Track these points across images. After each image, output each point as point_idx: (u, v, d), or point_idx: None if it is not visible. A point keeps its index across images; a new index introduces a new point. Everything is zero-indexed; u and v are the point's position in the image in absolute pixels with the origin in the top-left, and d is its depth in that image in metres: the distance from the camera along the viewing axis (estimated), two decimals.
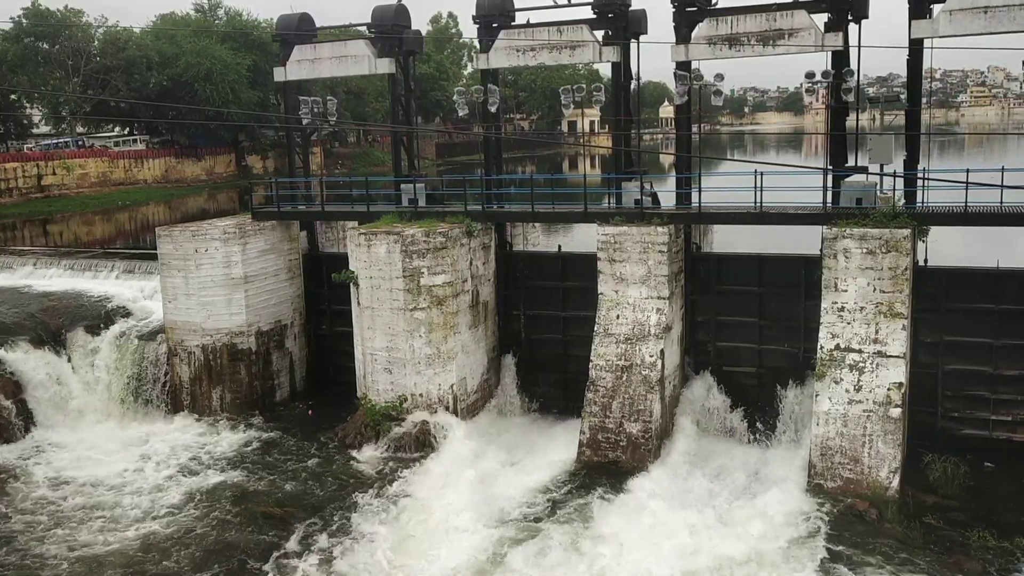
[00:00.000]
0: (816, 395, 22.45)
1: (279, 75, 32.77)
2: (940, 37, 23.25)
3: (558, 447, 25.25)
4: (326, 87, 65.00)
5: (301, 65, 32.07)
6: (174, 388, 29.49)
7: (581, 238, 30.38)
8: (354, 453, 25.35)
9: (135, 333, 30.27)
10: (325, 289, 30.76)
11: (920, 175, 23.61)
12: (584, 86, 29.43)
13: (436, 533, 20.82)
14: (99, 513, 22.55)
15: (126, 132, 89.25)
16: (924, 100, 25.85)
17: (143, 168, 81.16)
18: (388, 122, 33.67)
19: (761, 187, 24.09)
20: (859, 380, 22.10)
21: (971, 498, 21.10)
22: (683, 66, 26.00)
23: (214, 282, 28.85)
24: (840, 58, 24.55)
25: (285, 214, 30.75)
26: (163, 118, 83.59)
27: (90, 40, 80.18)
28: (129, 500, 23.24)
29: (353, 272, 26.74)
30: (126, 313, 31.23)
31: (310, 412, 29.35)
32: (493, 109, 29.29)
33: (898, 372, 21.97)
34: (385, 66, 30.85)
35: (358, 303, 26.91)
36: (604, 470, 23.76)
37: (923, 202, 23.91)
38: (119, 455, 26.18)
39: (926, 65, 24.82)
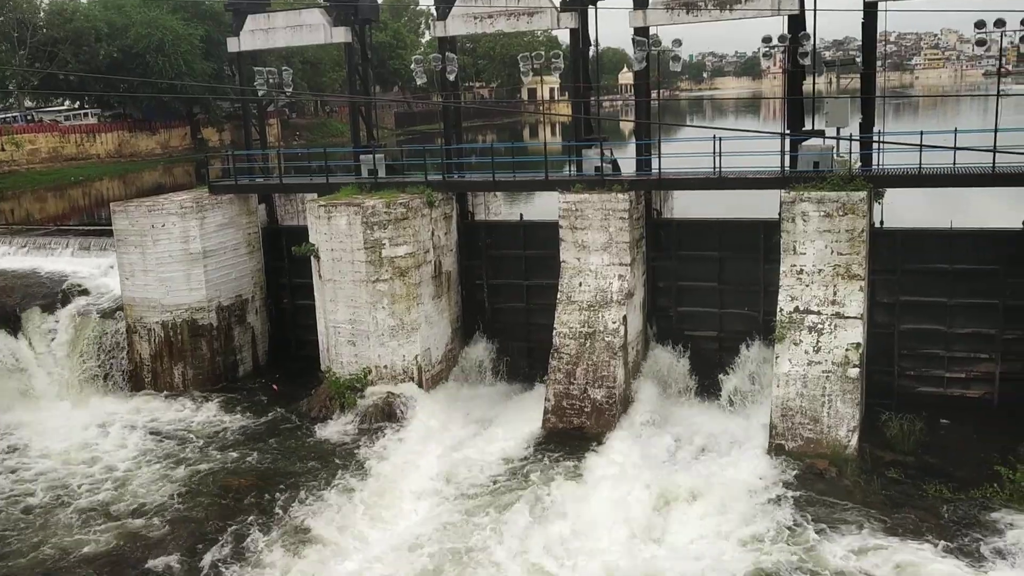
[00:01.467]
0: (776, 357, 22.79)
1: (232, 46, 32.20)
2: (894, 0, 23.43)
3: (523, 415, 25.40)
4: (281, 57, 64.03)
5: (255, 35, 31.53)
6: (135, 366, 29.17)
7: (543, 206, 30.39)
8: (319, 426, 25.30)
9: (93, 311, 29.84)
10: (286, 262, 30.51)
11: (875, 138, 23.91)
12: (543, 53, 29.27)
13: (402, 503, 20.96)
14: (60, 492, 22.34)
15: (77, 106, 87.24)
16: (879, 63, 26.07)
17: (95, 143, 79.48)
18: (345, 92, 33.28)
19: (720, 152, 24.21)
20: (818, 341, 22.45)
21: (927, 453, 21.60)
22: (641, 32, 25.95)
23: (172, 257, 28.48)
24: (796, 22, 24.65)
25: (243, 187, 30.36)
26: (115, 91, 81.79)
27: (35, 11, 78.01)
28: (90, 478, 23.02)
29: (314, 245, 26.53)
30: (83, 291, 30.74)
31: (275, 387, 29.19)
32: (451, 77, 29.07)
33: (856, 333, 22.35)
34: (341, 35, 30.44)
35: (319, 276, 26.74)
36: (569, 436, 23.98)
37: (879, 165, 24.23)
38: (80, 434, 25.88)
39: (880, 28, 25.04)
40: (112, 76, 74.52)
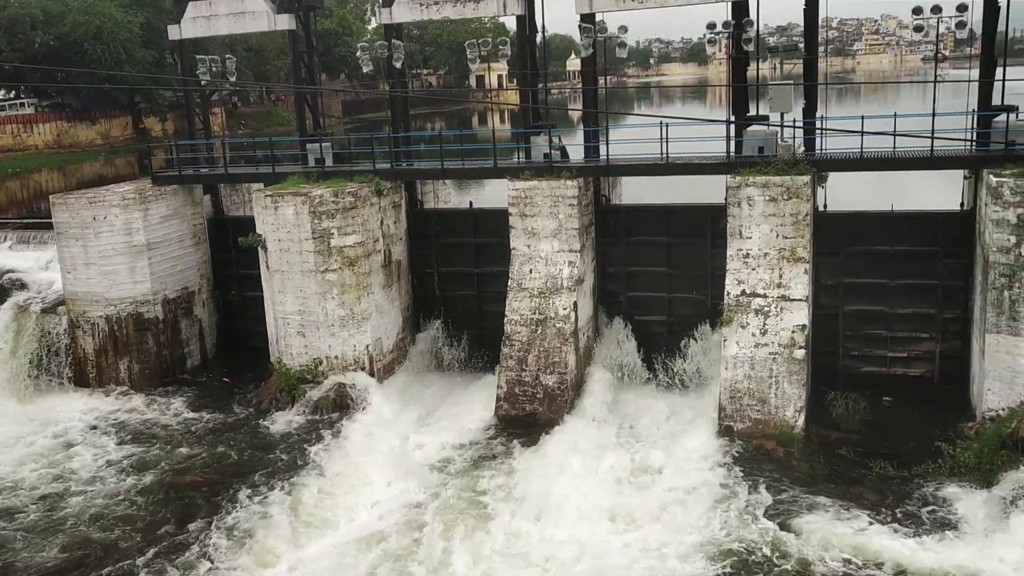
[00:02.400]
0: (724, 340, 23.12)
1: (173, 33, 31.55)
2: None
3: (476, 402, 25.46)
4: (225, 45, 62.93)
5: (196, 23, 30.93)
6: (78, 361, 28.58)
7: (492, 193, 30.38)
8: (270, 418, 25.10)
9: (33, 306, 29.16)
10: (232, 254, 30.13)
11: (818, 123, 24.30)
12: (490, 40, 29.22)
13: (355, 493, 20.87)
14: (2, 492, 21.84)
15: (12, 96, 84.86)
16: (821, 49, 26.48)
17: (33, 133, 77.41)
18: (291, 80, 32.88)
19: (667, 139, 24.42)
20: (764, 324, 22.81)
21: (871, 432, 22.10)
22: (587, 18, 26.01)
23: (115, 250, 27.93)
24: (740, 8, 24.90)
25: (187, 178, 29.87)
26: (52, 80, 79.69)
27: None
28: (35, 477, 22.58)
29: (260, 235, 26.22)
30: (22, 285, 30.10)
31: (226, 380, 28.85)
32: (398, 65, 28.86)
33: (801, 315, 22.76)
34: (285, 22, 30.01)
35: (267, 267, 26.44)
36: (521, 423, 24.09)
37: (822, 149, 24.62)
38: (22, 432, 25.33)
39: (822, 14, 25.45)
40: (49, 67, 72.61)
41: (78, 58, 73.28)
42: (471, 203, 29.47)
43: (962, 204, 24.47)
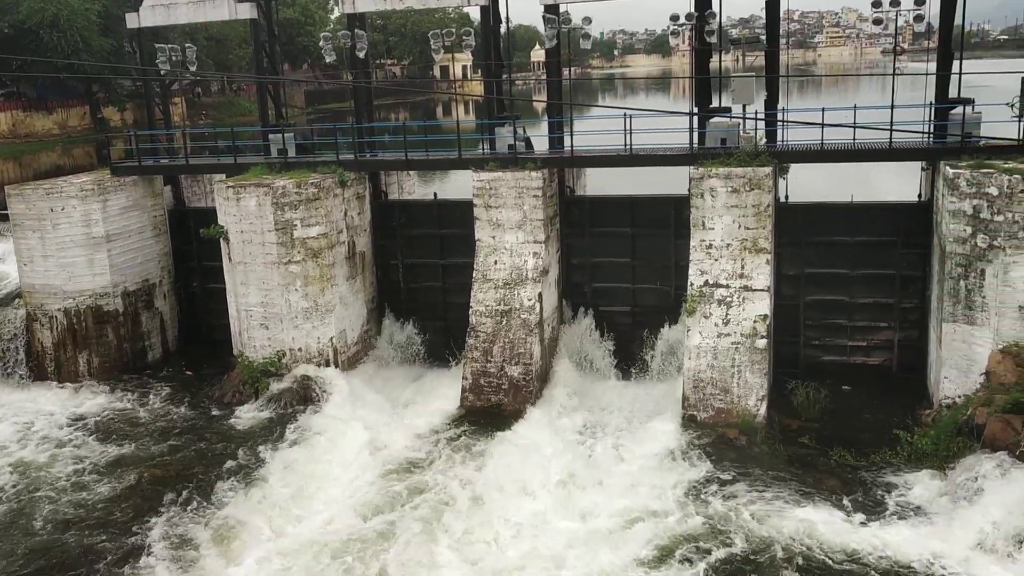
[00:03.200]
0: (687, 330, 23.31)
1: (132, 21, 31.05)
2: None
3: (441, 394, 25.46)
4: (185, 34, 62.04)
5: (155, 11, 30.44)
6: (36, 355, 28.13)
7: (457, 185, 30.31)
8: (233, 412, 24.87)
9: None
10: (194, 245, 29.81)
11: (780, 115, 24.55)
12: (454, 30, 29.12)
13: (321, 486, 20.77)
14: None
15: None
16: (783, 41, 26.71)
17: None
18: (252, 70, 32.53)
19: (630, 130, 24.54)
20: (727, 314, 23.04)
21: (831, 420, 22.43)
22: (551, 9, 26.01)
23: (74, 242, 27.52)
24: (703, 0, 25.03)
25: (147, 169, 29.48)
26: (7, 69, 78.03)
27: None
28: None
29: (222, 227, 25.95)
30: None
31: (189, 372, 28.56)
32: (361, 55, 28.67)
33: (763, 305, 23.01)
34: (246, 11, 29.64)
35: (229, 258, 26.19)
36: (487, 414, 24.12)
37: (783, 141, 24.89)
38: None
39: (784, 7, 25.68)
40: (4, 56, 71.09)
41: (34, 46, 71.85)
42: (435, 194, 29.39)
43: (920, 195, 24.87)
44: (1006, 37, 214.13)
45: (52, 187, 27.81)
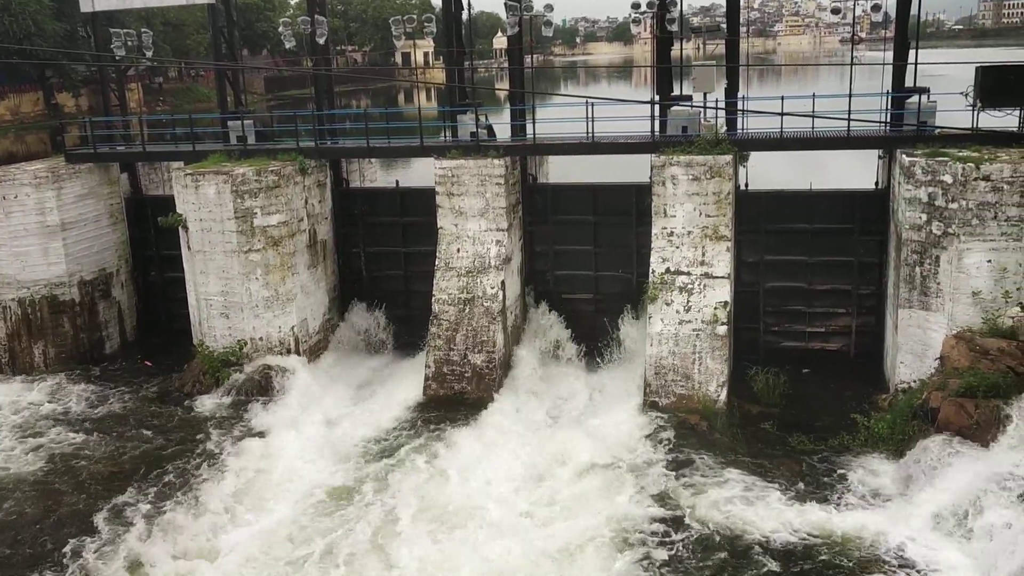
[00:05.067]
0: (649, 317, 23.47)
1: (86, 5, 30.37)
2: None
3: (404, 382, 25.41)
4: (141, 18, 60.96)
5: None
6: None
7: (419, 172, 30.16)
8: (193, 402, 24.63)
9: None
10: (152, 234, 29.41)
11: (740, 104, 24.73)
12: (415, 17, 28.95)
13: (283, 476, 20.62)
14: None
15: None
16: (743, 30, 26.90)
17: None
18: (210, 56, 32.08)
19: (593, 118, 24.58)
20: (688, 301, 23.22)
21: (791, 405, 22.72)
22: None
23: (27, 231, 27.01)
24: None
25: (103, 156, 28.97)
26: None
27: None
28: None
29: (181, 215, 25.60)
30: None
31: (147, 363, 28.18)
32: (321, 41, 28.42)
33: (724, 292, 23.23)
34: None
35: (188, 247, 25.86)
36: (450, 402, 24.14)
37: (743, 129, 25.09)
38: None
39: None
40: None
41: None
42: (397, 182, 29.24)
43: (877, 183, 25.23)
44: (960, 27, 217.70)
45: (4, 174, 27.26)
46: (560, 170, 29.20)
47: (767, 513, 17.86)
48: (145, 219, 29.70)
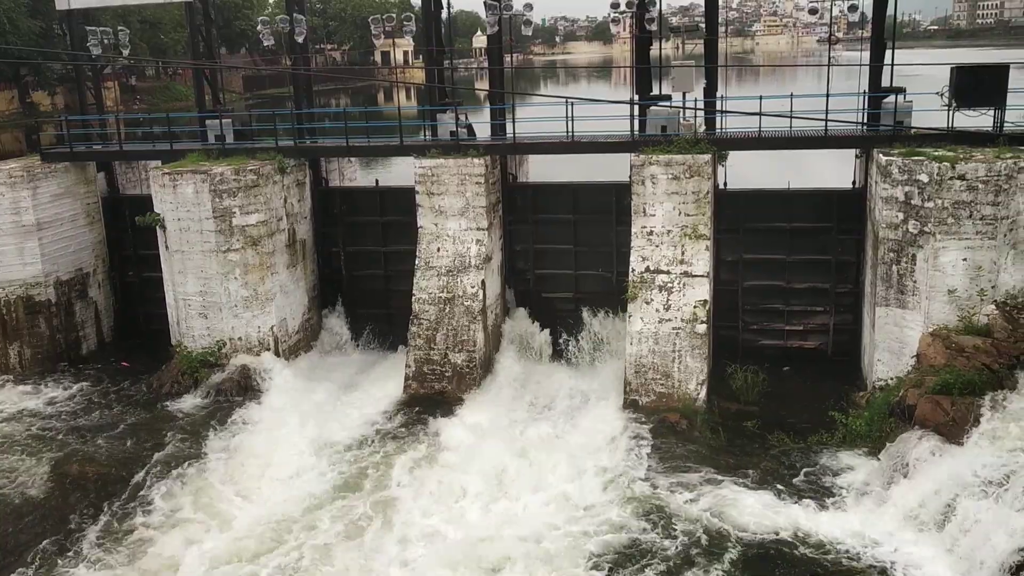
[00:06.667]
0: (629, 316, 23.54)
1: (61, 3, 30.05)
2: None
3: (384, 382, 25.37)
4: (117, 16, 60.53)
5: None
6: None
7: (399, 172, 30.08)
8: (172, 403, 24.45)
9: None
10: (129, 233, 29.17)
11: (719, 103, 24.84)
12: (395, 15, 28.88)
13: (262, 478, 20.54)
14: None
15: None
16: (721, 30, 27.01)
17: None
18: (188, 54, 31.86)
19: (572, 117, 24.62)
20: (668, 300, 23.31)
21: (769, 403, 22.86)
22: None
23: (2, 231, 26.78)
24: None
25: (79, 155, 28.70)
26: None
27: None
28: None
29: (159, 215, 25.42)
30: None
31: (125, 364, 27.95)
32: (300, 40, 28.28)
33: (703, 290, 23.33)
34: None
35: (166, 247, 25.68)
36: (430, 401, 24.10)
37: (722, 128, 25.21)
38: None
39: None
40: None
41: None
42: (377, 181, 29.17)
43: (854, 182, 25.41)
44: (936, 28, 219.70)
45: None
46: (540, 169, 29.22)
47: (746, 511, 17.94)
48: (122, 218, 29.45)
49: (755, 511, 17.94)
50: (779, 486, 18.93)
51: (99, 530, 18.60)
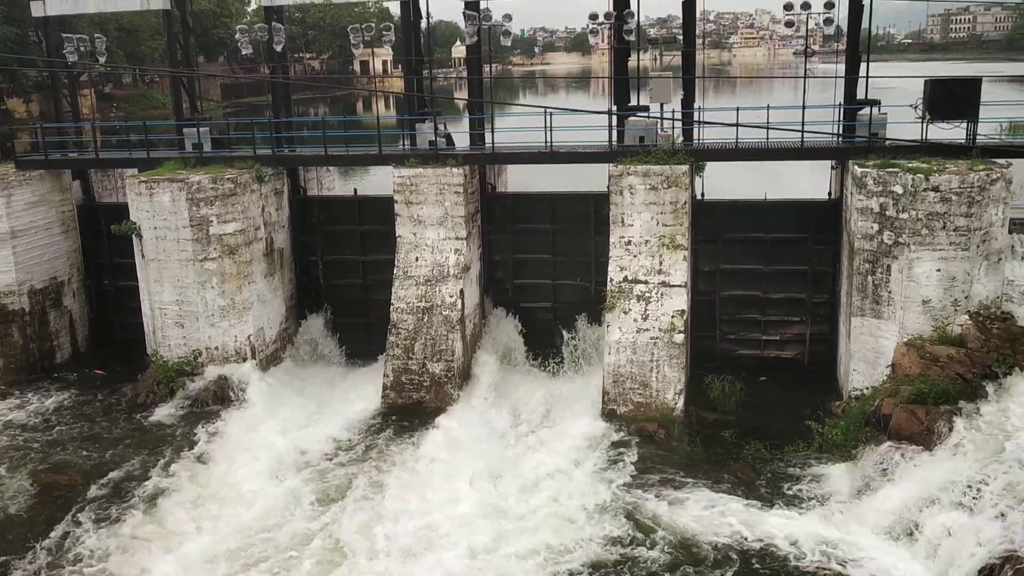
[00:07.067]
0: (607, 325, 23.60)
1: (37, 10, 29.87)
2: None
3: (362, 392, 25.26)
4: (94, 23, 60.07)
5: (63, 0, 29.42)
6: None
7: (377, 181, 30.03)
8: (147, 413, 24.22)
9: None
10: (105, 242, 28.94)
11: (696, 114, 25.01)
12: (373, 25, 28.86)
13: (238, 487, 20.36)
14: None
15: None
16: (699, 41, 27.22)
17: None
18: (165, 62, 31.70)
19: (551, 127, 24.71)
20: (646, 310, 23.40)
21: (746, 412, 22.96)
22: (471, 6, 26.02)
23: None
24: (621, 0, 25.34)
25: (54, 163, 28.45)
26: None
27: None
28: None
29: (135, 223, 25.24)
30: None
31: (100, 373, 27.67)
32: (279, 48, 28.21)
33: (680, 300, 23.44)
34: (158, 2, 28.82)
35: (143, 255, 25.49)
36: (409, 411, 24.04)
37: (699, 139, 25.38)
38: None
39: (700, 8, 26.14)
40: None
41: None
42: (356, 190, 29.10)
43: (830, 193, 25.64)
44: (910, 41, 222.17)
45: None
46: (519, 179, 29.27)
47: (723, 520, 18.01)
48: (98, 227, 29.21)
49: (732, 520, 18.00)
50: (756, 495, 19.02)
51: (67, 543, 18.30)
